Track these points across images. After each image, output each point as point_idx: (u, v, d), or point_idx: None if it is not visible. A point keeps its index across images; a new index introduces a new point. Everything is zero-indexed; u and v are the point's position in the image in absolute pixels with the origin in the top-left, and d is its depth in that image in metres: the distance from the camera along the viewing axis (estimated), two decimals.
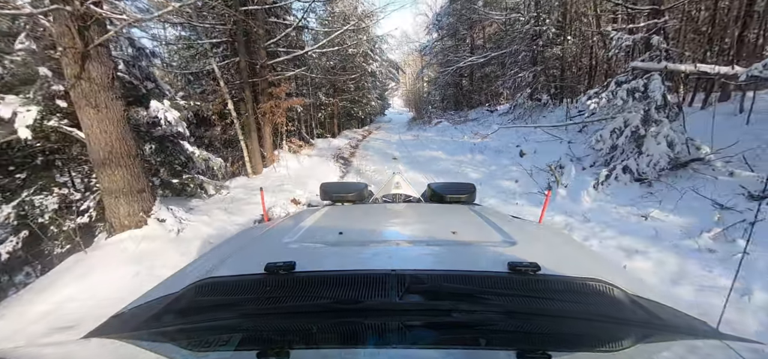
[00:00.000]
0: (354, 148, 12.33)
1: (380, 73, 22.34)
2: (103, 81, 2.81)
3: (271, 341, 0.56)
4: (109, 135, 2.89)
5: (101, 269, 2.73)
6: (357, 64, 17.42)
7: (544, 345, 0.54)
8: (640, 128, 4.73)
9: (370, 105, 21.10)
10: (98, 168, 2.97)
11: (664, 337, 0.57)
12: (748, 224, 3.11)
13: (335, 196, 1.75)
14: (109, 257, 2.83)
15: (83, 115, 2.83)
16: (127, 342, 0.56)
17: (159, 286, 0.79)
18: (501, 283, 0.64)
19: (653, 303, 0.66)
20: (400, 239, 0.98)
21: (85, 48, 2.66)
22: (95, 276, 2.67)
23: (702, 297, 2.43)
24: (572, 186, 4.91)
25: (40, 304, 2.44)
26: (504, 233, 0.97)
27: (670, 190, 4.10)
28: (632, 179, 4.63)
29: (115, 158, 2.95)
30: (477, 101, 19.89)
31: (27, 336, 2.14)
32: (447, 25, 21.22)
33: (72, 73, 2.70)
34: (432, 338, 0.53)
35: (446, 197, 1.67)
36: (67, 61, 2.69)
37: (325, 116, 16.50)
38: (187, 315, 0.62)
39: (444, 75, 20.36)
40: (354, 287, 0.62)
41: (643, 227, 3.48)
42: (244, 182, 6.14)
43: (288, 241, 0.93)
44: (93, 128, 2.85)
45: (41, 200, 3.21)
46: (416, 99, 31.92)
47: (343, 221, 1.22)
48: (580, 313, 0.60)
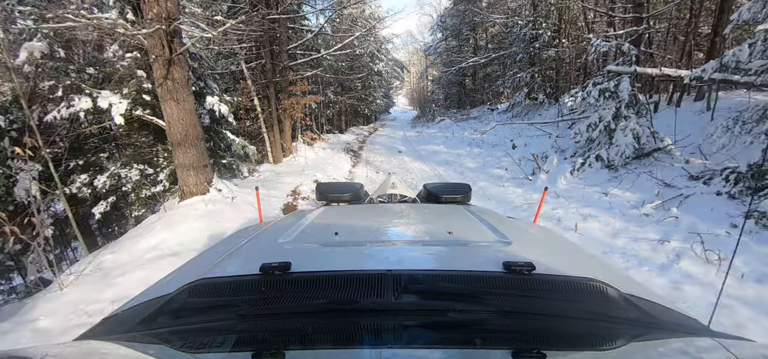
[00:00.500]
0: (362, 143, 13.22)
1: (386, 73, 23.22)
2: (182, 80, 3.71)
3: (267, 342, 0.56)
4: (185, 122, 3.79)
5: (181, 222, 3.63)
6: (364, 64, 18.31)
7: (539, 344, 0.54)
8: (611, 123, 5.53)
9: (375, 103, 21.98)
10: (175, 147, 3.87)
11: (657, 335, 0.57)
12: (682, 197, 3.93)
13: (331, 196, 1.75)
14: (186, 214, 3.73)
15: (166, 106, 3.73)
16: (121, 344, 0.55)
17: (153, 287, 0.78)
18: (496, 283, 0.65)
19: (646, 301, 0.67)
20: (395, 240, 0.99)
21: (171, 55, 3.56)
22: (178, 226, 3.57)
23: (633, 244, 3.25)
24: (553, 172, 5.74)
25: (143, 243, 3.35)
26: (499, 233, 0.98)
27: (630, 174, 4.92)
28: (603, 166, 5.44)
29: (188, 140, 3.85)
30: (479, 100, 20.61)
31: (144, 261, 3.04)
32: (451, 26, 21.96)
33: (160, 75, 3.60)
34: (428, 338, 0.53)
35: (442, 198, 1.68)
36: (157, 66, 3.59)
37: (334, 113, 17.43)
38: (182, 316, 0.63)
39: (447, 75, 21.19)
40: (350, 287, 0.62)
41: (601, 200, 4.31)
42: (269, 168, 7.04)
43: (283, 241, 0.93)
44: (173, 116, 3.75)
45: (126, 172, 4.12)
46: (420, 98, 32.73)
47: (338, 221, 1.22)
48: (575, 312, 0.61)
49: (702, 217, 3.44)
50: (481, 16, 16.58)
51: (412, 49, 36.21)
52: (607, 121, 5.59)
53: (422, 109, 29.02)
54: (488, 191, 5.48)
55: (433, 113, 22.15)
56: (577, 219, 3.85)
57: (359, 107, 19.85)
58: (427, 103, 26.77)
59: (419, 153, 9.54)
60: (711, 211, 3.51)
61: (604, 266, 0.88)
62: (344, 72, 15.66)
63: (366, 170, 7.83)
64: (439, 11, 25.73)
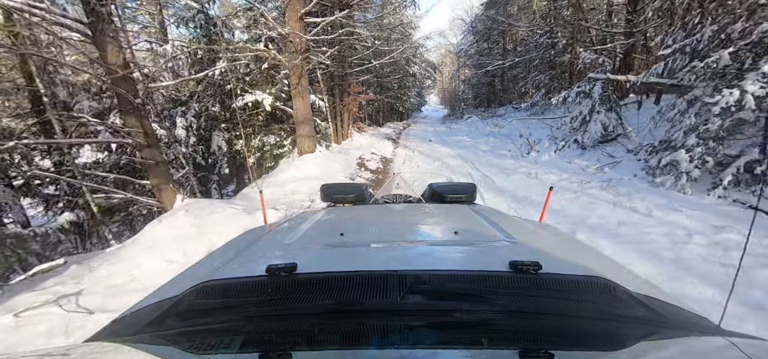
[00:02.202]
0: (398, 134, 15.81)
1: (419, 75, 25.57)
2: (305, 85, 6.46)
3: (273, 343, 0.56)
4: (306, 110, 6.54)
5: (302, 166, 6.39)
6: (400, 67, 20.84)
7: (546, 344, 0.54)
8: (587, 116, 7.59)
9: (409, 101, 24.47)
10: (298, 124, 6.65)
11: (667, 335, 0.56)
12: (616, 162, 6.02)
13: (335, 197, 1.77)
14: (304, 161, 6.50)
15: (295, 101, 6.50)
16: (130, 345, 0.56)
17: (160, 289, 0.80)
18: (503, 282, 0.65)
19: (656, 300, 0.67)
20: (401, 240, 0.99)
21: (302, 71, 6.31)
22: (301, 168, 6.33)
23: (570, 184, 5.45)
24: (542, 151, 7.90)
25: (287, 174, 6.11)
26: (505, 232, 0.99)
27: (595, 151, 6.99)
28: (578, 147, 7.51)
29: (306, 120, 6.60)
30: (507, 100, 22.29)
31: (294, 179, 5.78)
32: (482, 31, 23.78)
33: (295, 82, 6.37)
34: (434, 338, 0.53)
35: (446, 197, 1.69)
36: (293, 77, 6.35)
37: (373, 109, 20.15)
38: (189, 317, 0.64)
39: (477, 75, 23.11)
40: (355, 288, 0.63)
41: (565, 166, 6.49)
42: (336, 147, 9.81)
43: (289, 243, 0.95)
44: (299, 106, 6.52)
45: (266, 140, 6.98)
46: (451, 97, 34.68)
47: (343, 222, 1.24)
48: (583, 312, 0.61)
49: (621, 172, 5.57)
50: (507, 23, 18.41)
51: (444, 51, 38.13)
52: (584, 115, 7.65)
53: (452, 107, 31.05)
54: (493, 162, 7.78)
55: (462, 111, 24.20)
56: (543, 174, 6.10)
57: (395, 104, 22.43)
58: (458, 102, 28.78)
59: (446, 141, 11.91)
60: (627, 169, 5.62)
61: (612, 264, 0.87)
62: (384, 75, 18.26)
63: (404, 151, 10.36)
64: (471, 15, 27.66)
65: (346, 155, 8.02)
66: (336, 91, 10.34)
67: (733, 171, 4.14)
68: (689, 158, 4.50)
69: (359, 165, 7.42)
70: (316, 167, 6.32)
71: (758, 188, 3.87)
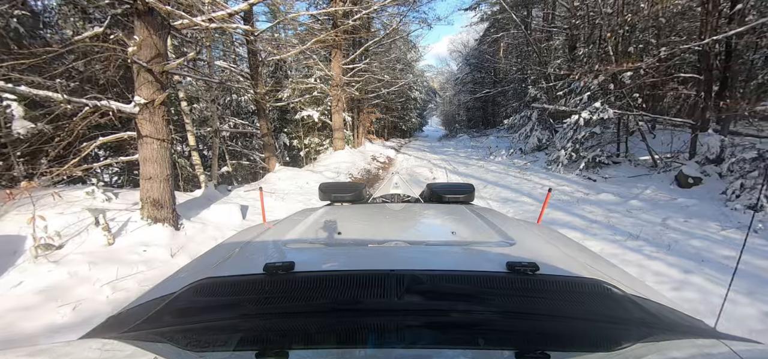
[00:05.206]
0: (399, 146, 19.54)
1: (420, 99, 29.55)
2: (343, 104, 10.13)
3: (270, 341, 0.57)
4: (340, 123, 10.19)
5: (338, 156, 9.96)
6: (403, 91, 24.78)
7: (542, 344, 0.54)
8: (529, 133, 11.17)
9: (411, 121, 28.26)
10: (334, 131, 10.29)
11: (663, 337, 0.57)
12: (535, 159, 9.52)
13: (334, 196, 1.76)
14: (340, 154, 10.07)
15: (334, 115, 10.16)
16: (127, 341, 0.56)
17: (159, 286, 0.80)
18: (500, 283, 0.65)
19: (651, 302, 0.68)
20: (399, 239, 0.97)
21: (340, 96, 10.00)
22: (337, 157, 9.89)
23: (500, 172, 8.94)
24: (497, 156, 11.46)
25: (328, 161, 9.68)
26: (502, 233, 1.00)
27: (530, 156, 10.49)
28: (522, 153, 11.03)
29: (339, 129, 10.25)
30: (495, 122, 26.09)
31: (335, 162, 9.34)
32: (474, 64, 27.90)
33: (334, 104, 10.07)
34: (431, 338, 0.54)
35: (445, 197, 1.69)
36: (334, 101, 10.04)
37: (380, 126, 23.97)
38: (186, 315, 0.64)
39: (470, 101, 27.02)
40: (353, 287, 0.63)
41: (508, 162, 10.02)
42: (354, 150, 13.44)
43: (287, 241, 0.95)
44: (336, 120, 10.18)
45: (313, 140, 10.59)
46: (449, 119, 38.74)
47: (341, 221, 1.23)
48: (579, 313, 0.61)
49: (537, 166, 9.08)
50: (492, 60, 22.41)
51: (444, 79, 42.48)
52: (527, 131, 11.25)
53: (449, 128, 35.00)
54: (462, 161, 11.32)
55: (456, 131, 28.00)
56: (490, 166, 9.63)
57: (398, 123, 26.24)
58: (453, 123, 32.70)
59: (435, 151, 15.57)
60: (539, 162, 9.13)
61: (608, 266, 0.87)
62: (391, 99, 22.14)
63: (404, 156, 13.96)
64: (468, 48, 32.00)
65: (362, 154, 11.62)
66: (355, 111, 14.06)
67: (586, 161, 7.64)
68: (564, 153, 8.01)
69: (373, 158, 10.95)
70: (347, 156, 9.86)
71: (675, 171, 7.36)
